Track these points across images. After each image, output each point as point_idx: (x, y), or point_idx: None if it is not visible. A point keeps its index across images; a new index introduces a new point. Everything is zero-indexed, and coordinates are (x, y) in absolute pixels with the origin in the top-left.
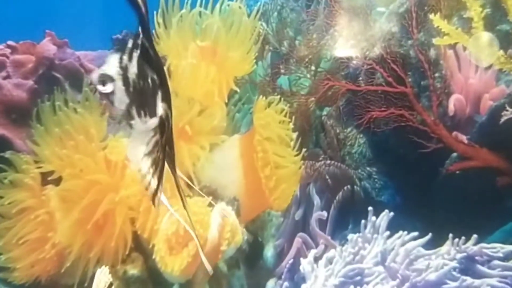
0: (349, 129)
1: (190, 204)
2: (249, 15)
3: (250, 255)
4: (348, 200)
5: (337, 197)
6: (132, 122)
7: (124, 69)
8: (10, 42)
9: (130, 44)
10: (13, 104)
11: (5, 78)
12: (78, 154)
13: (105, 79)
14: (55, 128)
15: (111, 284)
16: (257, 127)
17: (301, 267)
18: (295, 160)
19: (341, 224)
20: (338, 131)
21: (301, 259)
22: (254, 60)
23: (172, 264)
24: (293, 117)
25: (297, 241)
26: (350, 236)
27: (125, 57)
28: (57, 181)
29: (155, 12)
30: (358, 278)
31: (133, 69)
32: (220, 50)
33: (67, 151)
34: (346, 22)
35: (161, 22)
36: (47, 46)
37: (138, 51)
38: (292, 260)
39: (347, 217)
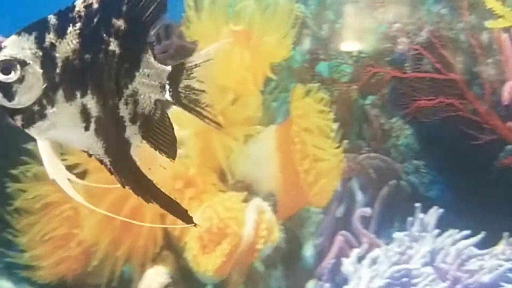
0: (394, 120)
1: (223, 199)
2: None
3: (288, 254)
4: (394, 196)
5: (381, 193)
6: (49, 111)
7: (48, 49)
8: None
9: (53, 20)
10: None
11: None
12: None
13: (10, 65)
14: None
15: (167, 286)
16: (294, 117)
17: (343, 268)
18: (335, 153)
19: (386, 221)
20: (382, 121)
21: (343, 259)
22: (292, 45)
23: (205, 264)
24: (334, 107)
25: (339, 239)
26: (396, 235)
27: (50, 35)
28: (83, 175)
29: None
30: (405, 279)
31: (67, 47)
32: (255, 35)
33: None
34: (391, 4)
35: (192, 5)
36: None
37: (78, 24)
38: (333, 260)
39: (392, 214)
